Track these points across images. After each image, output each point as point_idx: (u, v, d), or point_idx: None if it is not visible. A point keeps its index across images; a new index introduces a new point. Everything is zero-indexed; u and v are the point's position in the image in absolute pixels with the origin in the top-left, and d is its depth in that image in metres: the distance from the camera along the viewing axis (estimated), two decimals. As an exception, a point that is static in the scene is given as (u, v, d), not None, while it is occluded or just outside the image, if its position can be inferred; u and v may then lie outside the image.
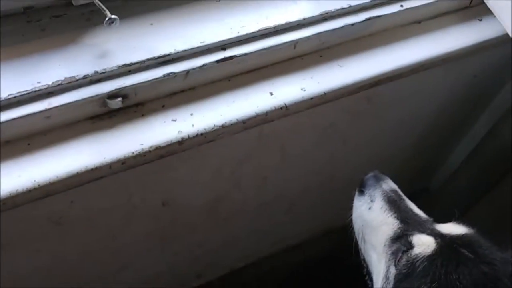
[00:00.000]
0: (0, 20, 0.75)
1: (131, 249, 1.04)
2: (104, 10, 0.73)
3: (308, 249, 1.47)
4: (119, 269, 1.11)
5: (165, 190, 0.93)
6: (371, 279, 0.75)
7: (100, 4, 0.73)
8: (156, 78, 0.76)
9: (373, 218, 0.72)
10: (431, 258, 0.62)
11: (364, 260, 0.77)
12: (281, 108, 0.81)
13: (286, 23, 0.84)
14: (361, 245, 0.75)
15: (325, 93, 0.84)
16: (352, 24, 0.88)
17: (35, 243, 0.87)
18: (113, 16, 0.73)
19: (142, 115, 0.77)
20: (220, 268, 1.39)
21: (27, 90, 0.70)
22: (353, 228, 0.79)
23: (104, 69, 0.74)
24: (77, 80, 0.72)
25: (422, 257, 0.63)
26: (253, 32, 0.82)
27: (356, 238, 0.77)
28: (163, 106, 0.79)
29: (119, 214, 0.92)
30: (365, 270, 0.78)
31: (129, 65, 0.75)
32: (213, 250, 1.24)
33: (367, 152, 1.19)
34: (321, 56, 0.89)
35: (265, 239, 1.37)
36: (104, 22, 0.72)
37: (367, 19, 0.89)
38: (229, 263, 1.40)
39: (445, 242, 0.64)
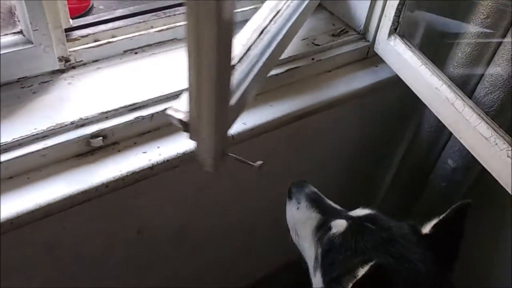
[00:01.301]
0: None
1: (113, 278, 1.15)
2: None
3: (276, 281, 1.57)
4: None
5: (139, 217, 1.07)
6: (306, 265, 0.90)
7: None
8: (129, 121, 0.94)
9: (301, 215, 0.89)
10: (344, 233, 0.80)
11: (300, 251, 0.92)
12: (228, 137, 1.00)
13: (227, 75, 1.06)
14: (295, 239, 0.91)
15: (261, 125, 1.04)
16: (277, 74, 1.11)
17: (29, 269, 0.98)
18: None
19: (119, 151, 0.94)
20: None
21: (26, 135, 0.86)
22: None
23: (87, 116, 0.91)
24: (66, 125, 0.90)
25: (338, 234, 0.80)
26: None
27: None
28: (135, 143, 0.96)
29: (102, 241, 1.05)
30: (302, 259, 0.93)
31: (107, 112, 0.93)
32: (186, 279, 1.35)
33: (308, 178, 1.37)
34: (256, 100, 1.10)
35: (234, 270, 1.48)
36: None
37: (287, 70, 1.12)
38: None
39: (354, 221, 0.82)
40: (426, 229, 0.80)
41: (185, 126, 0.74)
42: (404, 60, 1.10)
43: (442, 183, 1.37)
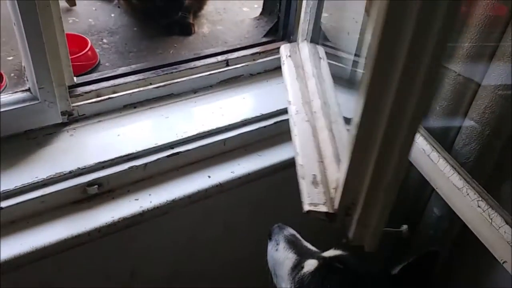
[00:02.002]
0: (5, 140, 1.00)
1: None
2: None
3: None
4: None
5: (132, 260, 1.11)
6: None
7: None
8: (123, 170, 1.01)
9: (279, 256, 0.92)
10: (313, 272, 0.83)
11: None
12: (216, 186, 1.06)
13: (217, 128, 1.13)
14: (274, 279, 0.95)
15: (249, 173, 1.10)
16: (265, 126, 1.18)
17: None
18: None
19: (113, 198, 1.00)
20: None
21: (28, 183, 0.93)
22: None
23: (85, 166, 0.98)
24: (64, 174, 0.96)
25: (308, 273, 0.83)
26: (193, 135, 1.10)
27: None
28: (128, 191, 1.02)
29: (97, 282, 1.09)
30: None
31: (103, 162, 1.00)
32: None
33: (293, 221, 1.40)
34: (245, 150, 1.16)
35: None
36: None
37: (276, 123, 1.19)
38: None
39: (324, 261, 0.85)
40: (395, 270, 0.83)
41: (332, 217, 0.79)
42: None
43: (430, 231, 1.39)
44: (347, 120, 1.07)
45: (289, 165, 1.15)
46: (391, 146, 0.67)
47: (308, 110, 1.07)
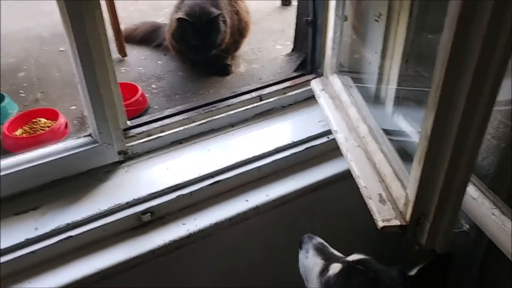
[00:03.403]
0: (72, 178, 1.15)
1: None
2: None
3: None
4: None
5: (183, 279, 1.21)
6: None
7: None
8: (171, 199, 1.13)
9: (309, 262, 0.99)
10: (338, 274, 0.90)
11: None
12: (253, 208, 1.15)
13: (252, 156, 1.23)
14: (306, 284, 1.01)
15: (283, 196, 1.19)
16: (296, 153, 1.27)
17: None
18: (142, 164, 1.12)
19: (164, 224, 1.12)
20: None
21: (92, 214, 1.06)
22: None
23: (139, 197, 1.11)
24: (122, 205, 1.09)
25: (333, 275, 0.90)
26: (231, 164, 1.20)
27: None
28: (176, 217, 1.13)
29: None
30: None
31: (154, 193, 1.12)
32: None
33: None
34: (278, 174, 1.25)
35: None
36: (137, 167, 1.11)
37: (306, 148, 1.28)
38: None
39: (347, 264, 0.92)
40: (413, 272, 0.89)
41: (404, 228, 0.89)
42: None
43: (461, 241, 1.41)
44: (385, 131, 1.15)
45: (320, 186, 1.23)
46: (460, 155, 0.75)
47: (356, 136, 1.15)
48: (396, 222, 0.89)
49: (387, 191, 0.97)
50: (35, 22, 2.50)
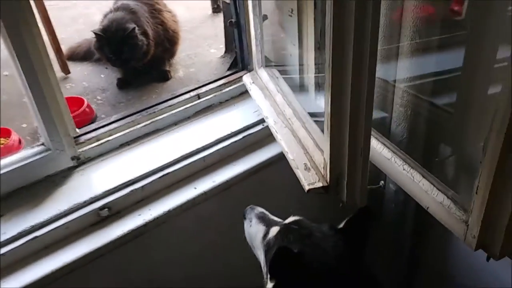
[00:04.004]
0: (32, 186, 1.23)
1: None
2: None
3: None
4: None
5: (146, 268, 1.31)
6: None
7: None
8: (126, 194, 1.23)
9: (253, 230, 1.12)
10: (276, 235, 1.03)
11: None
12: (202, 194, 1.28)
13: (196, 149, 1.35)
14: (253, 251, 1.14)
15: (227, 180, 1.32)
16: (235, 141, 1.40)
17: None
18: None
19: (121, 217, 1.22)
20: None
21: (54, 215, 1.15)
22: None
23: (95, 195, 1.21)
24: (80, 204, 1.19)
25: (272, 237, 1.03)
26: (177, 157, 1.32)
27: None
28: (132, 209, 1.24)
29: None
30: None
31: (109, 190, 1.22)
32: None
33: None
34: (222, 162, 1.38)
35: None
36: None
37: (244, 137, 1.41)
38: None
39: (284, 225, 1.06)
40: (340, 225, 1.03)
41: (327, 188, 1.03)
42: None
43: (392, 205, 1.59)
44: (311, 114, 1.30)
45: (260, 168, 1.37)
46: (356, 126, 0.91)
47: (284, 119, 1.30)
48: (319, 184, 1.04)
49: (311, 160, 1.12)
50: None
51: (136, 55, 1.97)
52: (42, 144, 1.25)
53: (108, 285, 1.24)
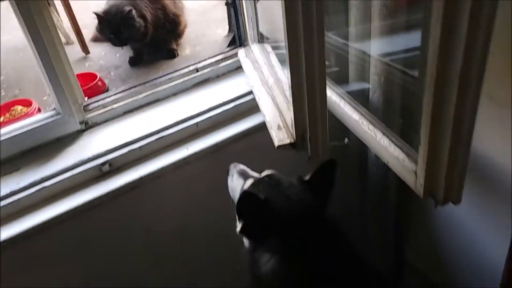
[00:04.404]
0: (45, 146, 1.40)
1: (130, 273, 1.54)
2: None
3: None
4: None
5: (144, 218, 1.48)
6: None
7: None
8: (125, 153, 1.39)
9: (234, 184, 1.25)
10: (250, 186, 1.15)
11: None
12: (193, 154, 1.42)
13: (190, 115, 1.50)
14: (234, 204, 1.27)
15: (217, 143, 1.46)
16: (227, 109, 1.53)
17: (72, 259, 1.40)
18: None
19: (120, 172, 1.38)
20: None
21: (63, 168, 1.33)
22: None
23: (98, 153, 1.37)
24: (85, 160, 1.36)
25: (247, 187, 1.16)
26: (173, 122, 1.47)
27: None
28: (131, 166, 1.40)
29: (120, 235, 1.46)
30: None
31: (111, 149, 1.39)
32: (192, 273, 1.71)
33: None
34: (213, 127, 1.52)
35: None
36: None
37: (235, 105, 1.55)
38: None
39: (258, 178, 1.19)
40: (307, 177, 1.15)
41: (294, 145, 1.17)
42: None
43: (374, 168, 1.69)
44: None
45: (248, 134, 1.50)
46: (313, 87, 1.04)
47: (267, 87, 1.43)
48: (287, 141, 1.16)
49: (284, 121, 1.25)
50: (11, 36, 2.76)
51: (134, 35, 2.17)
52: (54, 109, 1.42)
53: (111, 230, 1.41)
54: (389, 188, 1.63)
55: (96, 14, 2.17)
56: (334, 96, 1.41)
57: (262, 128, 1.51)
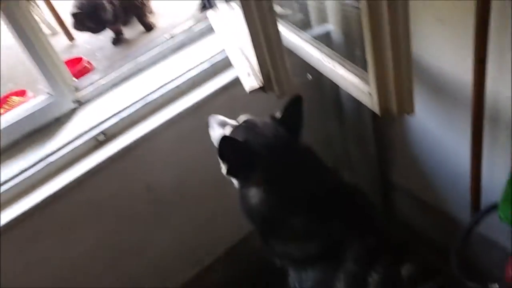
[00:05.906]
0: (46, 127, 1.53)
1: (138, 232, 1.68)
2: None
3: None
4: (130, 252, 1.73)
5: (144, 177, 1.61)
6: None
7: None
8: (116, 121, 1.52)
9: (215, 134, 1.35)
10: (229, 131, 1.28)
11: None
12: (178, 114, 1.54)
13: (171, 80, 1.60)
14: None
15: (202, 99, 1.57)
16: (204, 69, 1.63)
17: (87, 222, 1.55)
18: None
19: (116, 139, 1.51)
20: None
21: (65, 142, 1.46)
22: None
23: (93, 125, 1.50)
24: (82, 133, 1.49)
25: (227, 133, 1.28)
26: (158, 87, 1.58)
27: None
28: (123, 133, 1.52)
29: (125, 202, 1.59)
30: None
31: (103, 120, 1.51)
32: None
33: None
34: (194, 87, 1.62)
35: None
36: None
37: (212, 64, 1.65)
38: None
39: (236, 124, 1.30)
40: (278, 114, 1.27)
41: (263, 88, 1.25)
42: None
43: (348, 103, 1.79)
44: None
45: (227, 87, 1.61)
46: (266, 27, 1.12)
47: (236, 41, 1.53)
48: (256, 85, 1.27)
49: (253, 69, 1.34)
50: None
51: (108, 19, 2.32)
52: (48, 93, 1.54)
53: (115, 192, 1.55)
54: (363, 115, 1.74)
55: (72, 15, 2.29)
56: (297, 40, 1.51)
57: (238, 81, 1.62)
